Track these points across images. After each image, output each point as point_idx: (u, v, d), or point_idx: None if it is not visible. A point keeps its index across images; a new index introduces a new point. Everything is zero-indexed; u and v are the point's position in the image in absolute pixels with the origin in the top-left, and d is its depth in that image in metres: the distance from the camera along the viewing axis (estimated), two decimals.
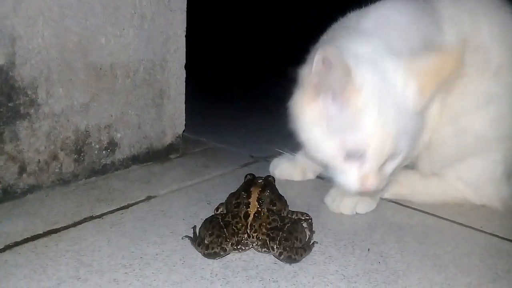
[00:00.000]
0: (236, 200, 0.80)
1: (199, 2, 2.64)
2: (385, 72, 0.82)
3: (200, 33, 2.71)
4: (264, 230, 0.76)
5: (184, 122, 1.23)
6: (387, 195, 1.01)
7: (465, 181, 1.00)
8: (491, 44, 0.94)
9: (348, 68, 0.78)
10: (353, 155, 0.82)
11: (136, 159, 1.13)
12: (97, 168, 1.05)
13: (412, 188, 1.02)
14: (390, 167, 0.87)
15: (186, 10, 1.15)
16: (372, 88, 0.80)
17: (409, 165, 1.03)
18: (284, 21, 2.74)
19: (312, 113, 0.85)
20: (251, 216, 0.77)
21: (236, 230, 0.76)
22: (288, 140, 1.41)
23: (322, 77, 0.80)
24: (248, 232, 0.76)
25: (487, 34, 0.94)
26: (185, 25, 1.16)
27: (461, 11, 0.95)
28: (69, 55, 0.95)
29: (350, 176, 0.85)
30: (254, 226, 0.76)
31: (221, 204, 0.87)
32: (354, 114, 0.80)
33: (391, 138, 0.80)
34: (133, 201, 0.95)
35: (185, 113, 1.25)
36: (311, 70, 0.81)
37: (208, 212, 0.90)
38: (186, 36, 1.17)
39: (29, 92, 0.90)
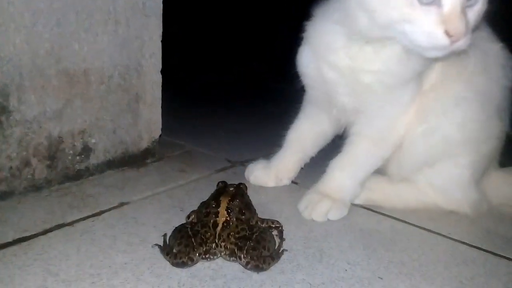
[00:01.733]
0: (206, 209, 0.81)
1: (188, 7, 2.65)
2: None
3: (189, 38, 2.72)
4: (232, 239, 0.76)
5: (160, 127, 1.24)
6: (358, 200, 1.03)
7: (434, 186, 1.02)
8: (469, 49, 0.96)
9: None
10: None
11: (111, 164, 1.13)
12: (71, 174, 1.05)
13: (383, 193, 1.03)
14: (471, 15, 0.77)
15: (161, 15, 1.15)
16: None
17: (380, 170, 1.04)
18: (271, 25, 2.74)
19: None
20: (220, 226, 0.78)
21: (204, 240, 0.76)
22: (265, 143, 1.44)
23: None
24: (216, 241, 0.76)
25: None
26: (161, 30, 1.16)
27: None
28: (41, 62, 0.95)
29: (431, 21, 0.74)
30: (223, 235, 0.77)
31: (193, 211, 0.88)
32: None
33: None
34: (105, 208, 0.95)
35: (165, 115, 1.25)
36: None
37: (180, 219, 0.90)
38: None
39: (0, 100, 0.90)
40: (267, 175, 1.12)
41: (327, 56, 0.94)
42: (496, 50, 0.99)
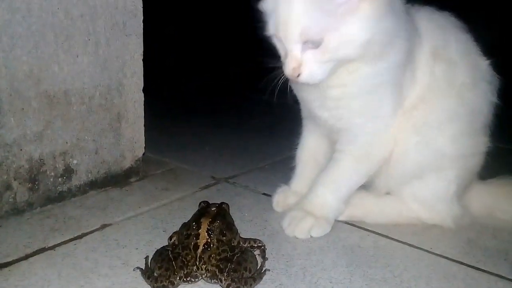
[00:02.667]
0: (187, 231, 0.81)
1: (189, 7, 2.62)
2: None
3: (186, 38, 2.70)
4: (213, 261, 0.76)
5: (143, 145, 1.23)
6: (342, 217, 1.03)
7: (419, 200, 1.02)
8: (459, 60, 0.98)
9: None
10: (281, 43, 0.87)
11: (94, 185, 1.13)
12: (53, 196, 1.05)
13: (366, 209, 1.04)
14: (313, 55, 0.85)
15: (142, 34, 1.16)
16: None
17: (365, 185, 1.05)
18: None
19: None
20: (201, 248, 0.77)
21: (185, 262, 0.76)
22: (250, 158, 1.44)
23: None
24: (197, 264, 0.76)
25: (455, 50, 0.99)
26: (141, 49, 1.16)
27: (435, 26, 0.99)
28: (20, 85, 0.94)
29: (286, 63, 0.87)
30: (203, 257, 0.77)
31: (175, 232, 0.87)
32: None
33: (295, 18, 0.82)
34: (87, 230, 0.95)
35: (150, 132, 1.25)
36: None
37: (162, 240, 0.90)
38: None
39: None
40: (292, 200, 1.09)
41: None
42: (484, 65, 1.01)
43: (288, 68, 0.86)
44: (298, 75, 0.86)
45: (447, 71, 0.97)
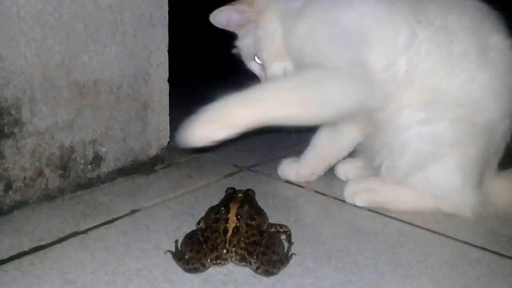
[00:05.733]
0: (216, 215, 0.83)
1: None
2: None
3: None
4: (242, 244, 0.79)
5: (168, 134, 1.26)
6: (362, 203, 1.05)
7: (430, 191, 1.02)
8: (457, 30, 0.98)
9: None
10: None
11: (121, 172, 1.16)
12: (82, 182, 1.08)
13: (387, 196, 1.05)
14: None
15: (167, 25, 1.18)
16: None
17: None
18: None
19: None
20: (230, 232, 0.80)
21: (215, 245, 0.79)
22: (271, 148, 1.46)
23: None
24: (227, 247, 0.78)
25: (455, 20, 0.98)
26: (167, 40, 1.19)
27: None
28: (52, 74, 0.97)
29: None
30: (233, 241, 0.79)
31: (203, 217, 0.90)
32: None
33: None
34: (117, 215, 0.97)
35: (174, 121, 1.27)
36: None
37: (190, 225, 0.92)
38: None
39: (13, 112, 0.93)
40: (290, 170, 1.21)
41: None
42: (502, 45, 0.98)
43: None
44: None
45: (438, 39, 0.97)
